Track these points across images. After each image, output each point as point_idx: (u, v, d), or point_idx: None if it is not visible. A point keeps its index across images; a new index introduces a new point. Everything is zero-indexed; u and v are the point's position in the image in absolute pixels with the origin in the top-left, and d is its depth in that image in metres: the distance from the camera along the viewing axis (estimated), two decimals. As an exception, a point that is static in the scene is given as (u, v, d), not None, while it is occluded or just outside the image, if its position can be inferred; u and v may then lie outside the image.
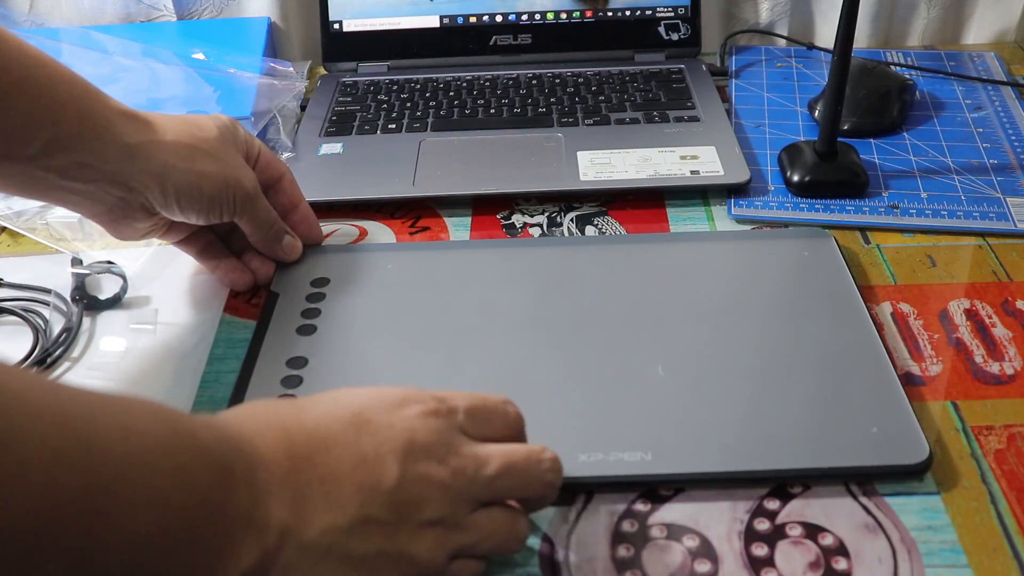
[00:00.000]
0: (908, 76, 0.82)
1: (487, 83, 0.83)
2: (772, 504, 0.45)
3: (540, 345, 0.54)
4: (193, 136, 0.53)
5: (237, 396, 0.51)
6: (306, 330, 0.56)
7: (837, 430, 0.48)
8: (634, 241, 0.64)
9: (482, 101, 0.81)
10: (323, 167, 0.73)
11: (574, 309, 0.57)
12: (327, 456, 0.37)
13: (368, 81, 0.85)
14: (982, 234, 0.64)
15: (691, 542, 0.44)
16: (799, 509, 0.45)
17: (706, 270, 0.60)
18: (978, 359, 0.54)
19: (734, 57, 0.89)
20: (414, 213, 0.69)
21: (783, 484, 0.46)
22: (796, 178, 0.68)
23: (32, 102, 0.47)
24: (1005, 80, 0.84)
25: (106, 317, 0.60)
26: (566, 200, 0.70)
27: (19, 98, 0.47)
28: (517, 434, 0.43)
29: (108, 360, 0.56)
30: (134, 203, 0.53)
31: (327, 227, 0.67)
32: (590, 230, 0.66)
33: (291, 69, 0.82)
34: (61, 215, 0.67)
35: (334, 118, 0.79)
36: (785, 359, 0.52)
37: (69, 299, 0.60)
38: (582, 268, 0.60)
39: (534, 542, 0.44)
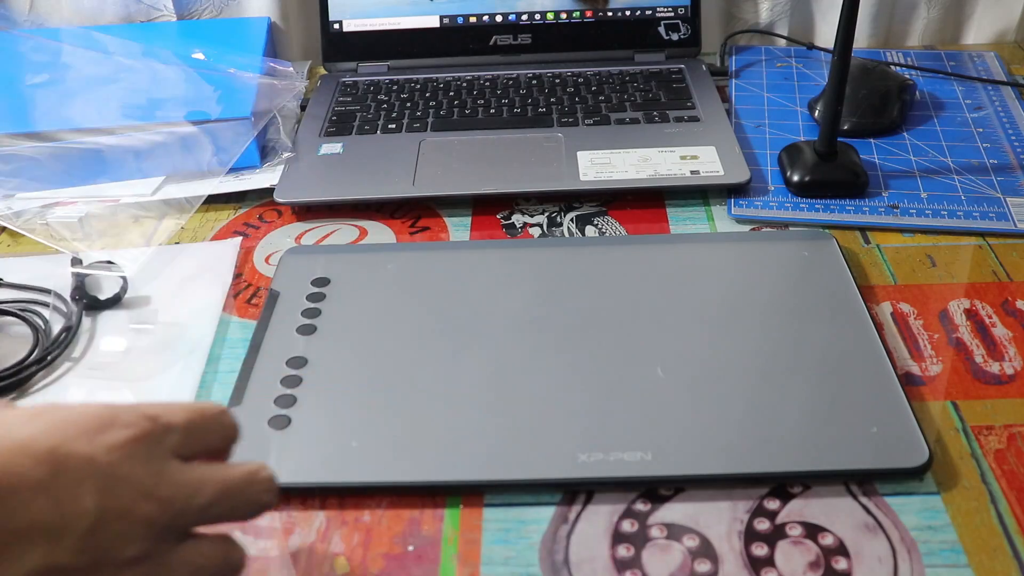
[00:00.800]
0: (908, 76, 0.82)
1: (487, 83, 0.83)
2: (772, 504, 0.45)
3: (540, 345, 0.54)
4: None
5: (237, 396, 0.51)
6: (306, 330, 0.56)
7: (837, 431, 0.48)
8: (634, 242, 0.64)
9: (482, 101, 0.81)
10: (323, 167, 0.73)
11: (574, 309, 0.56)
12: (12, 500, 0.32)
13: (368, 81, 0.85)
14: (982, 234, 0.64)
15: (691, 542, 0.44)
16: (799, 509, 0.45)
17: (706, 271, 0.60)
18: (978, 359, 0.54)
19: (734, 57, 0.89)
20: (414, 213, 0.69)
21: (783, 484, 0.46)
22: (796, 178, 0.68)
23: None
24: (1005, 80, 0.84)
25: (106, 317, 0.60)
26: (566, 200, 0.70)
27: None
28: (231, 445, 0.39)
29: (108, 360, 0.56)
30: None
31: (327, 227, 0.67)
32: (590, 230, 0.66)
33: (291, 69, 0.82)
34: (61, 215, 0.67)
35: (334, 118, 0.79)
36: (785, 360, 0.52)
37: (69, 299, 0.60)
38: (582, 268, 0.60)
39: (534, 541, 0.44)
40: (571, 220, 0.67)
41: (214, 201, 0.70)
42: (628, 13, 0.87)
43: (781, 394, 0.50)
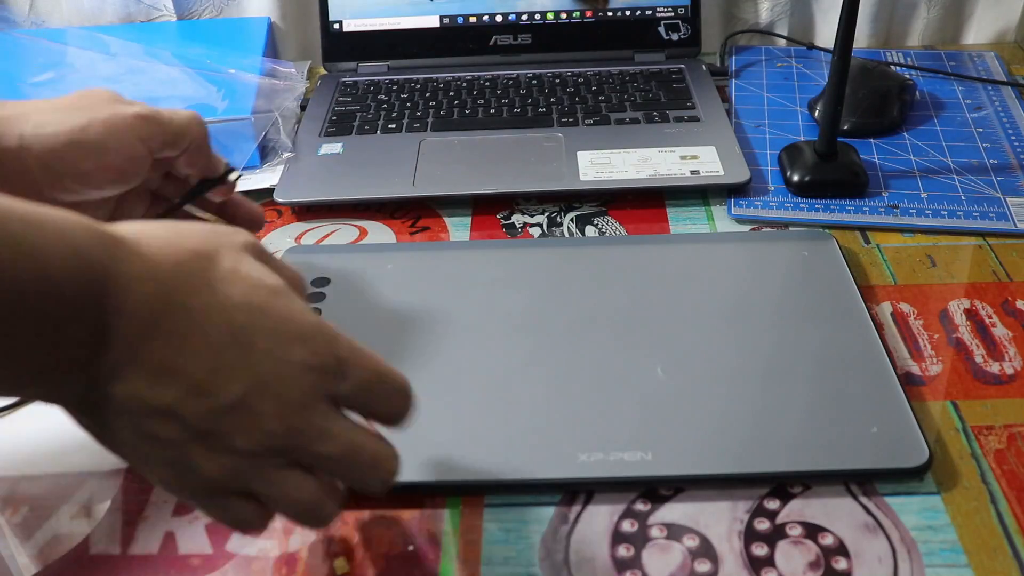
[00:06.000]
0: (908, 76, 0.82)
1: (487, 83, 0.83)
2: (772, 504, 0.45)
3: (540, 345, 0.54)
4: (58, 103, 0.48)
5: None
6: (306, 330, 0.56)
7: (837, 431, 0.48)
8: (634, 242, 0.64)
9: (482, 101, 0.81)
10: (323, 167, 0.73)
11: (574, 309, 0.57)
12: (188, 340, 0.35)
13: (368, 81, 0.85)
14: (982, 234, 0.64)
15: (691, 542, 0.44)
16: (799, 509, 0.45)
17: (706, 271, 0.60)
18: (978, 359, 0.54)
19: (734, 57, 0.89)
20: (414, 213, 0.69)
21: (783, 484, 0.46)
22: (796, 178, 0.68)
23: None
24: (1005, 80, 0.84)
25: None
26: (566, 200, 0.70)
27: None
28: (397, 419, 0.40)
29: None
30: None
31: (327, 227, 0.67)
32: (590, 230, 0.66)
33: (292, 70, 0.82)
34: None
35: (334, 118, 0.79)
36: (785, 359, 0.52)
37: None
38: (582, 268, 0.60)
39: (534, 541, 0.44)
40: (571, 220, 0.67)
41: (214, 201, 0.70)
42: (628, 13, 0.87)
43: (781, 394, 0.50)
